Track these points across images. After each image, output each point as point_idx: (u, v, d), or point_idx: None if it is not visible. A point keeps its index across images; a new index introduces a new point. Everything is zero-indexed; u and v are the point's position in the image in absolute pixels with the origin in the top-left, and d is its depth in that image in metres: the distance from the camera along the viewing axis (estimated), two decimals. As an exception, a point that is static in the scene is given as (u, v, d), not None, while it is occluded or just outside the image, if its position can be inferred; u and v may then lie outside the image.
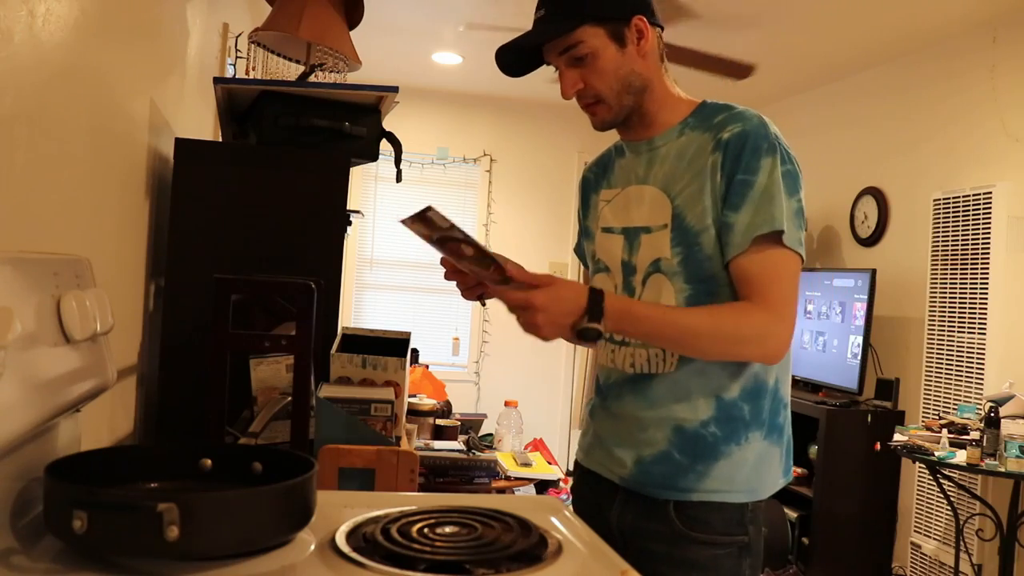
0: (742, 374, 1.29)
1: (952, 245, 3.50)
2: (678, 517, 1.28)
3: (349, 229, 1.98)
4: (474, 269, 1.19)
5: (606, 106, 1.32)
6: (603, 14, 1.27)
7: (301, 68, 2.11)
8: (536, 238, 5.66)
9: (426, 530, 0.92)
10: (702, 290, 1.28)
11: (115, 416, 1.55)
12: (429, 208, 1.08)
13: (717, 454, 1.28)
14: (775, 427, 1.33)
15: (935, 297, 3.57)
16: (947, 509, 3.29)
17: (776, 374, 1.32)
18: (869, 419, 3.76)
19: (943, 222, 3.55)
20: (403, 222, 1.12)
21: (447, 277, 1.27)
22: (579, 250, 1.56)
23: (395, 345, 1.75)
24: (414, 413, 2.75)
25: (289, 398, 1.43)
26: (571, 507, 1.22)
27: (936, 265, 3.58)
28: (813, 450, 3.89)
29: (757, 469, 1.30)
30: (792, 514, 3.85)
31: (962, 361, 3.42)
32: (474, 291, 1.27)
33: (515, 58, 1.36)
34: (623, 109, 1.32)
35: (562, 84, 1.32)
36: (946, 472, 3.14)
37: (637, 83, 1.31)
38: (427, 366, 4.02)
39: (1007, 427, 2.81)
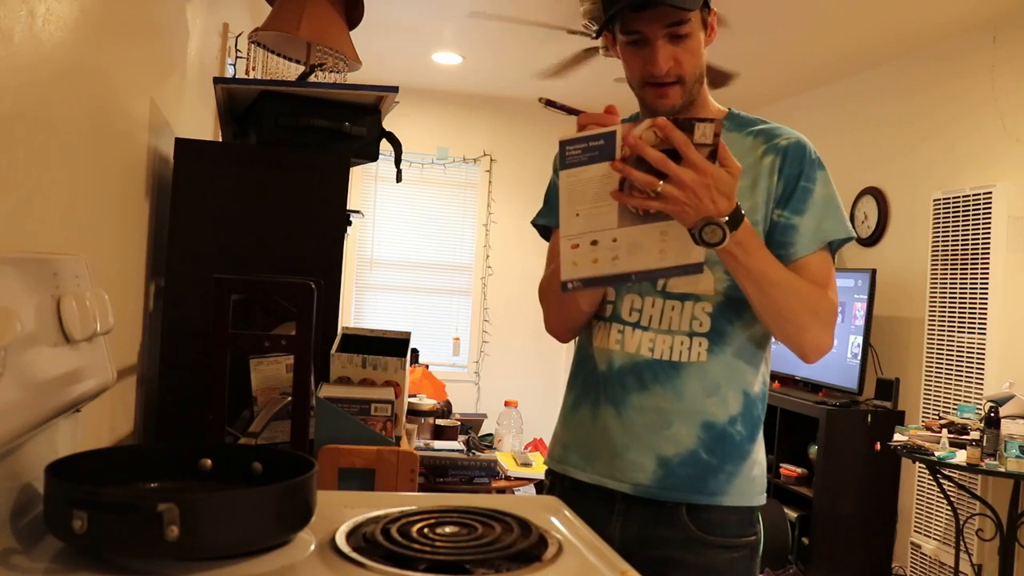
0: (759, 372, 1.31)
1: (952, 245, 3.50)
2: (692, 521, 1.25)
3: (349, 229, 1.98)
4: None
5: (682, 89, 1.29)
6: None
7: (301, 68, 2.11)
8: (536, 238, 5.64)
9: (426, 530, 0.92)
10: (736, 283, 1.24)
11: (115, 416, 1.55)
12: (716, 120, 1.05)
13: (744, 454, 1.28)
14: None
15: (935, 297, 3.57)
16: (947, 509, 3.29)
17: (767, 380, 1.35)
18: (869, 419, 3.76)
19: (943, 222, 3.55)
20: (663, 121, 1.03)
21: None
22: (548, 226, 1.55)
23: (395, 345, 1.75)
24: (414, 413, 2.75)
25: (289, 398, 1.43)
26: None
27: (936, 265, 3.58)
28: (813, 450, 3.88)
29: (764, 471, 1.32)
30: (792, 514, 3.85)
31: (962, 361, 3.41)
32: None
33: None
34: (690, 95, 1.31)
35: (657, 57, 1.26)
36: (946, 472, 3.14)
37: (703, 73, 1.32)
38: (427, 366, 4.02)
39: (1007, 427, 2.81)
